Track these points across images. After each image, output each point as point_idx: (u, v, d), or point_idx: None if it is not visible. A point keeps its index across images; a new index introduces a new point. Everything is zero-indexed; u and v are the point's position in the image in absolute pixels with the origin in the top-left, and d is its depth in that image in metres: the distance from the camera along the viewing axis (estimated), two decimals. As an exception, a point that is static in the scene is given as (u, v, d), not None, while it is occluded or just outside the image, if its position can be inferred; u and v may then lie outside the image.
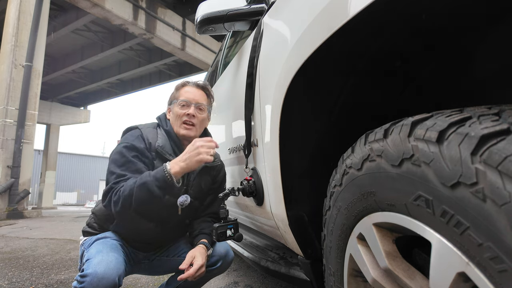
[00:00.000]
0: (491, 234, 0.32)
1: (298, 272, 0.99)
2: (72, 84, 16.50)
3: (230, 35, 2.12)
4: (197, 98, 1.26)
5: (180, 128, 1.22)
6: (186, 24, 11.28)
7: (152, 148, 1.17)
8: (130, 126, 1.26)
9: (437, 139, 0.40)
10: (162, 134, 1.23)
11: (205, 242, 1.19)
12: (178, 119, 1.22)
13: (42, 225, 5.35)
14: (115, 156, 1.12)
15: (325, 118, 0.81)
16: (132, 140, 1.15)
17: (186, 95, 1.25)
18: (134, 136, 1.17)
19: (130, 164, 1.10)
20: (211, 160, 1.09)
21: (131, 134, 1.19)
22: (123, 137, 1.20)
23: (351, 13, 0.54)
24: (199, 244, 1.18)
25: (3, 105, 6.74)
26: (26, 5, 7.14)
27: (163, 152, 1.17)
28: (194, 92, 1.27)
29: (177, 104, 1.24)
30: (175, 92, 1.29)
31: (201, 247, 1.16)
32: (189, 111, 1.22)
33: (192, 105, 1.23)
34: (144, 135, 1.18)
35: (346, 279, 0.63)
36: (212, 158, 1.09)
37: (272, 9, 1.02)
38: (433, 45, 0.65)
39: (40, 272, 2.21)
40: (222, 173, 1.36)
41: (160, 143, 1.18)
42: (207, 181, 1.29)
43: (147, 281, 1.98)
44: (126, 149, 1.12)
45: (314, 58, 0.68)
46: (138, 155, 1.13)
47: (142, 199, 1.02)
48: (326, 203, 0.72)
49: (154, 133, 1.22)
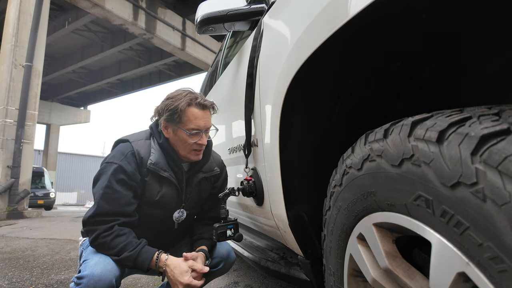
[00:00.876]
0: (491, 234, 0.32)
1: (298, 272, 0.99)
2: (72, 84, 16.52)
3: (230, 35, 2.12)
4: (207, 124, 1.14)
5: (189, 155, 1.14)
6: (186, 24, 11.29)
7: (144, 164, 1.10)
8: (121, 138, 1.17)
9: (437, 139, 0.40)
10: (156, 148, 1.14)
11: (205, 250, 1.17)
12: (187, 146, 1.12)
13: (42, 225, 5.35)
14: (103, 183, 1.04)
15: (325, 118, 0.81)
16: (120, 160, 1.06)
17: (197, 123, 1.10)
18: (123, 153, 1.08)
19: (116, 196, 1.04)
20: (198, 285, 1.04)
21: (121, 150, 1.10)
22: (113, 152, 1.12)
23: (351, 13, 0.54)
24: (198, 251, 1.16)
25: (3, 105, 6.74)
26: (26, 5, 7.14)
27: (156, 169, 1.11)
28: (204, 117, 1.13)
29: (186, 132, 1.10)
30: (180, 113, 1.09)
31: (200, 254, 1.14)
32: (201, 141, 1.12)
33: (203, 134, 1.13)
34: (135, 150, 1.10)
35: (346, 279, 0.63)
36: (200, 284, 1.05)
37: (272, 9, 1.02)
38: (433, 45, 0.65)
39: (40, 272, 2.21)
40: (222, 178, 1.34)
41: (153, 159, 1.11)
42: (206, 188, 1.28)
43: (147, 281, 1.98)
44: (112, 175, 1.04)
45: (314, 58, 0.68)
46: (125, 180, 1.05)
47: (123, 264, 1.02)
48: (326, 203, 0.72)
49: (147, 147, 1.13)
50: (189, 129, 1.10)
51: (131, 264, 1.01)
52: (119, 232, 1.02)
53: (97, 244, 1.01)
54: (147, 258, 1.02)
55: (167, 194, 1.14)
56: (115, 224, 1.03)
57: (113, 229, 1.02)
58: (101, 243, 1.01)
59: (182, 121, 1.10)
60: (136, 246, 1.02)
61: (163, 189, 1.13)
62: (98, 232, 1.01)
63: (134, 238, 1.05)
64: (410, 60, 0.70)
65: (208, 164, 1.26)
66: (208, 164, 1.26)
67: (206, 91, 2.58)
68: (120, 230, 1.03)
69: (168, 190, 1.14)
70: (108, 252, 1.00)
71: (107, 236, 1.00)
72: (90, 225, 1.03)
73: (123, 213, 1.05)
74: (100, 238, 1.00)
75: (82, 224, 1.06)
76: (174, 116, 1.10)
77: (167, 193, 1.14)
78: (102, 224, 1.02)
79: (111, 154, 1.12)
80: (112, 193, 1.04)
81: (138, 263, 1.01)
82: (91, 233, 1.02)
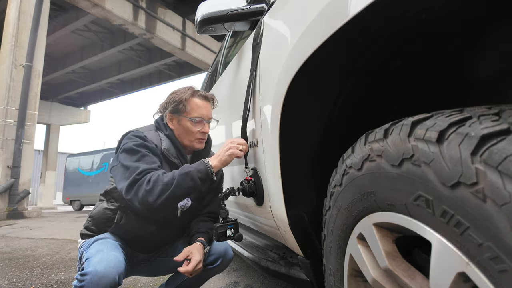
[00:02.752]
0: (491, 234, 0.32)
1: (298, 272, 0.99)
2: (72, 84, 16.51)
3: (230, 35, 2.12)
4: (210, 113, 1.25)
5: (194, 143, 1.22)
6: (186, 24, 11.29)
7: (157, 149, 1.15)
8: (130, 130, 1.21)
9: (437, 139, 0.40)
10: (165, 139, 1.20)
11: (202, 240, 1.19)
12: (191, 134, 1.21)
13: (42, 225, 5.35)
14: (127, 153, 1.07)
15: (325, 118, 0.81)
16: (140, 139, 1.11)
17: (200, 112, 1.21)
18: (140, 136, 1.13)
19: (147, 158, 1.07)
20: (241, 155, 1.09)
21: (134, 134, 1.14)
22: (127, 137, 1.14)
23: (351, 13, 0.54)
24: (196, 242, 1.18)
25: (3, 105, 6.74)
26: (26, 5, 7.14)
27: (169, 154, 1.17)
28: (206, 106, 1.24)
29: (190, 120, 1.19)
30: (184, 102, 1.20)
31: (198, 244, 1.16)
32: (205, 130, 1.22)
33: (205, 122, 1.22)
34: (148, 137, 1.15)
35: (346, 279, 0.63)
36: (242, 153, 1.09)
37: (272, 9, 1.02)
38: (433, 45, 0.65)
39: (40, 272, 2.21)
40: (220, 173, 1.36)
41: (165, 145, 1.18)
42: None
43: (147, 281, 1.98)
44: (137, 146, 1.08)
45: (314, 58, 0.68)
46: (150, 154, 1.09)
47: (183, 187, 1.00)
48: (326, 203, 0.72)
49: (157, 136, 1.20)
50: (193, 117, 1.19)
51: (198, 176, 1.02)
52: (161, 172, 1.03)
53: (152, 184, 0.98)
54: (202, 163, 1.06)
55: None
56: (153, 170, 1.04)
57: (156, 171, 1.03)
58: (154, 180, 0.99)
59: (186, 110, 1.20)
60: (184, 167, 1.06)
61: None
62: (144, 178, 0.99)
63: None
64: (410, 60, 0.70)
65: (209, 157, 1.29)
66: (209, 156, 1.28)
67: (206, 91, 2.58)
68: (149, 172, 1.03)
69: None
70: (166, 182, 0.98)
71: (154, 175, 1.00)
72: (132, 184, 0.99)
73: (155, 168, 1.06)
74: (154, 176, 1.00)
75: (125, 191, 1.01)
76: (179, 106, 1.19)
77: None
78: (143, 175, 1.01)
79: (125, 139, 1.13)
80: (142, 156, 1.06)
81: (202, 172, 1.03)
82: (139, 185, 0.98)
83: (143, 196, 0.98)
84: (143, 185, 0.99)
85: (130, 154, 1.07)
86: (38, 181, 18.10)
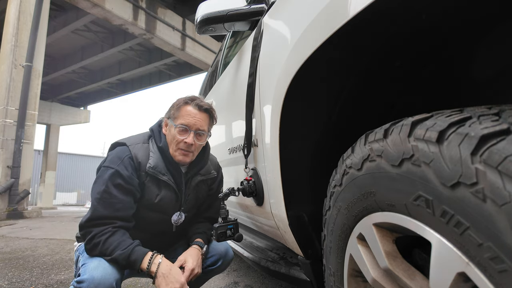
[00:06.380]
0: (491, 234, 0.32)
1: (298, 272, 0.99)
2: (72, 84, 16.50)
3: (230, 35, 2.12)
4: (198, 124, 1.13)
5: (175, 153, 1.13)
6: (186, 24, 11.28)
7: (142, 168, 1.10)
8: (118, 141, 1.16)
9: (437, 139, 0.40)
10: (155, 151, 1.14)
11: (199, 242, 1.19)
12: (175, 143, 1.12)
13: (42, 225, 5.34)
14: (100, 188, 1.04)
15: (325, 118, 0.81)
16: (117, 165, 1.06)
17: (186, 120, 1.12)
18: (120, 158, 1.08)
19: (113, 200, 1.04)
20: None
21: (117, 154, 1.09)
22: (110, 156, 1.11)
23: (351, 13, 0.54)
24: (192, 245, 1.18)
25: (3, 105, 6.73)
26: (26, 5, 7.13)
27: (155, 173, 1.11)
28: (196, 115, 1.13)
29: (176, 127, 1.12)
30: (176, 109, 1.15)
31: (193, 248, 1.15)
32: (187, 140, 1.11)
33: (191, 132, 1.12)
34: (132, 154, 1.09)
35: (346, 279, 0.63)
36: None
37: (272, 9, 1.02)
38: (433, 45, 0.65)
39: (40, 272, 2.21)
40: (218, 180, 1.35)
41: (151, 163, 1.10)
42: (204, 191, 1.29)
43: (147, 281, 1.98)
44: (109, 179, 1.04)
45: (314, 58, 0.68)
46: (123, 184, 1.05)
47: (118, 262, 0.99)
48: (326, 203, 0.72)
49: (145, 150, 1.13)
50: (178, 123, 1.12)
51: (124, 263, 0.99)
52: (113, 232, 1.02)
53: (92, 245, 1.00)
54: (140, 256, 1.00)
55: (165, 197, 1.14)
56: (110, 226, 1.02)
57: (108, 230, 1.02)
58: (96, 243, 1.00)
59: (175, 116, 1.15)
60: (129, 245, 1.01)
61: (162, 192, 1.14)
62: (93, 233, 1.01)
63: (128, 238, 1.04)
64: (410, 60, 0.70)
65: (206, 167, 1.27)
66: (206, 167, 1.27)
67: (206, 91, 2.58)
68: (115, 230, 1.02)
69: (167, 193, 1.15)
70: (102, 251, 0.99)
71: (102, 235, 1.00)
72: (86, 228, 1.03)
73: (119, 217, 1.04)
74: (96, 238, 1.00)
75: (79, 228, 1.05)
76: (172, 111, 1.16)
77: (166, 196, 1.15)
78: (98, 226, 1.01)
79: (108, 158, 1.11)
80: (109, 197, 1.04)
81: (131, 262, 0.99)
82: (87, 235, 1.02)
83: (86, 245, 1.02)
84: (89, 237, 1.01)
85: (100, 192, 1.04)
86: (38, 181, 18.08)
